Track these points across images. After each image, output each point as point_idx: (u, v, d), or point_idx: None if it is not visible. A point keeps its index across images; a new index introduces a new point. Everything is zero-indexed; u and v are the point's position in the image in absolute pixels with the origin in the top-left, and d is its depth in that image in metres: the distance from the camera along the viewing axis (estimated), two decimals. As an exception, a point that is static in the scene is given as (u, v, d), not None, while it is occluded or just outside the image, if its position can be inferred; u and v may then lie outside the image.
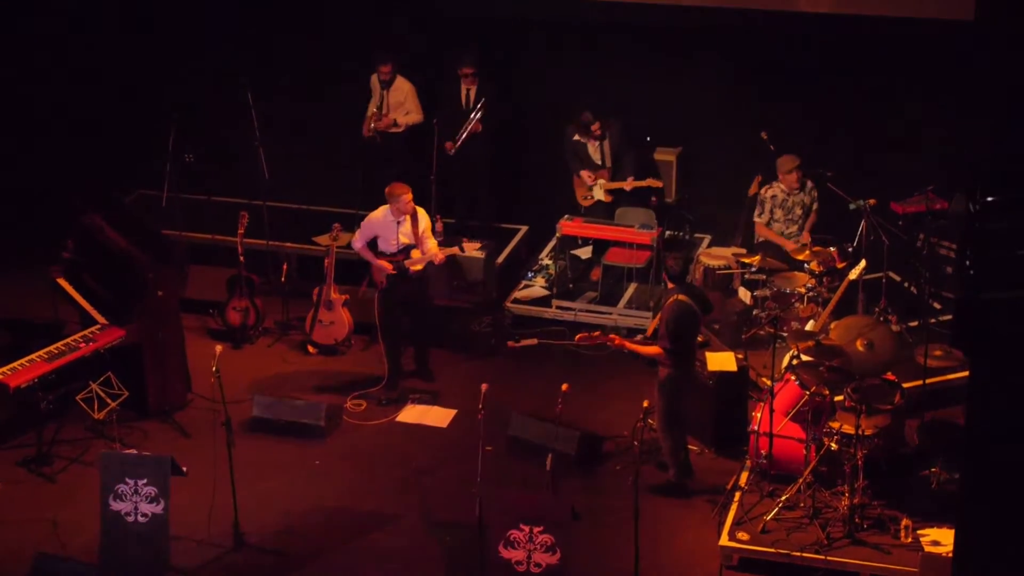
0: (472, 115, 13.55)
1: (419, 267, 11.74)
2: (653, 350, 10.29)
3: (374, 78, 13.85)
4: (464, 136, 13.57)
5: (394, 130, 13.86)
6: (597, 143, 13.40)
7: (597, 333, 10.35)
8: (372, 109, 13.86)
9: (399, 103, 13.82)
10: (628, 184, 13.33)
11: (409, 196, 11.51)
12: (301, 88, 14.69)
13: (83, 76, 14.90)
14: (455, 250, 12.03)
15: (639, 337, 10.80)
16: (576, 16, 13.76)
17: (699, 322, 10.50)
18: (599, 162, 13.47)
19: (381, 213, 11.68)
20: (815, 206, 12.55)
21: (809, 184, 12.53)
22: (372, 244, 11.84)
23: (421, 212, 11.71)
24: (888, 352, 10.50)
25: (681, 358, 10.30)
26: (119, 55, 14.90)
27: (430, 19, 14.13)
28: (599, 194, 13.48)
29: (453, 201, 13.94)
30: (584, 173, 13.49)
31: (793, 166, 12.38)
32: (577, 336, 10.48)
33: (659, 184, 13.30)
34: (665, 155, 13.81)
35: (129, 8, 14.82)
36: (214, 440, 10.28)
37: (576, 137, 13.44)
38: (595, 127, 13.29)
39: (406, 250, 11.70)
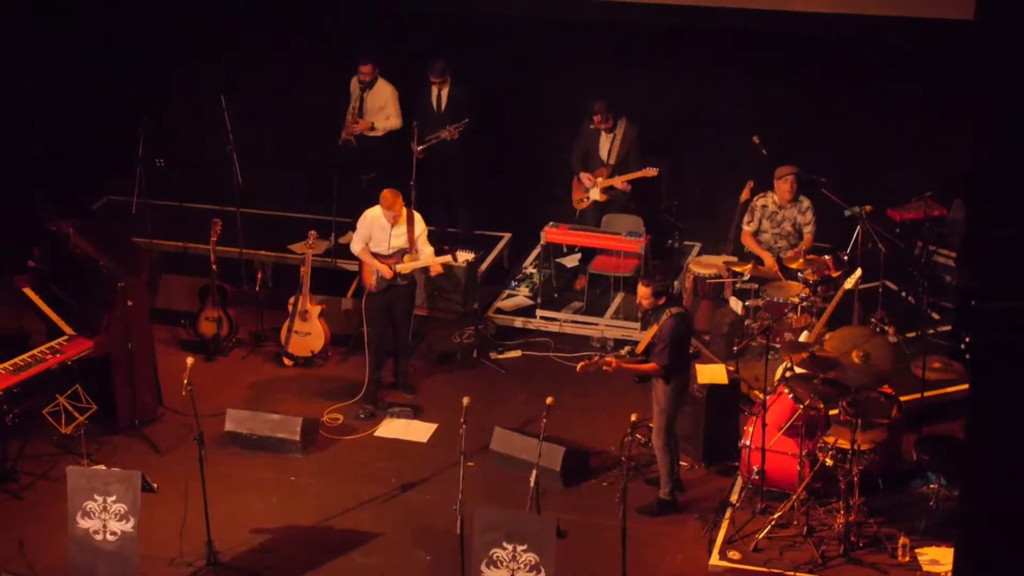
0: (448, 125, 13.34)
1: (407, 271, 11.58)
2: (650, 367, 10.17)
3: (354, 81, 13.65)
4: (432, 141, 13.35)
5: (371, 133, 13.68)
6: (610, 136, 13.16)
7: (596, 358, 10.21)
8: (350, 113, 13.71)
9: (379, 107, 13.66)
10: (619, 181, 13.07)
11: (392, 210, 11.34)
12: (277, 92, 14.58)
13: (50, 79, 14.79)
14: (449, 259, 11.85)
15: (625, 351, 10.65)
16: (564, 15, 13.67)
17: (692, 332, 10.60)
18: (604, 157, 13.25)
19: (377, 211, 11.52)
20: (810, 228, 12.25)
21: (805, 204, 12.24)
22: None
23: (418, 217, 11.63)
24: (885, 364, 10.43)
25: (680, 372, 10.27)
26: (89, 56, 14.83)
27: (411, 17, 14.04)
28: (595, 194, 13.29)
29: (432, 206, 13.71)
30: (583, 176, 13.25)
31: (786, 172, 12.13)
32: (578, 367, 10.27)
33: (654, 173, 12.99)
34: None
35: (101, 10, 14.67)
36: (186, 455, 10.32)
37: (592, 124, 13.24)
38: (597, 119, 13.07)
39: (399, 253, 11.55)
